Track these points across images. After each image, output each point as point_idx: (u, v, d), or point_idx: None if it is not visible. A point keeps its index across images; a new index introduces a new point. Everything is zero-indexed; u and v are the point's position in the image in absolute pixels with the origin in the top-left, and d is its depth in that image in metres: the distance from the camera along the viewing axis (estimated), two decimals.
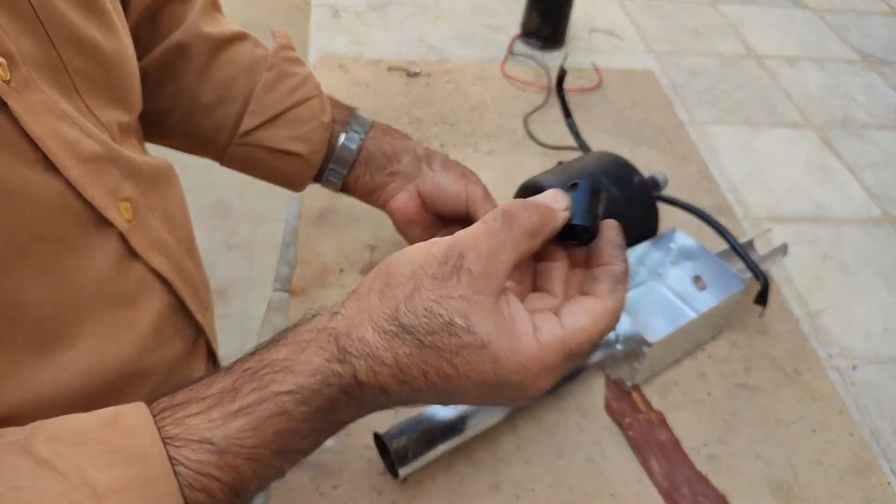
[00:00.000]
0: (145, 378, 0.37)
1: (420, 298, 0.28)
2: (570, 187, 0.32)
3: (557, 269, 0.33)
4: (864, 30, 1.18)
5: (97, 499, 0.24)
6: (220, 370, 0.29)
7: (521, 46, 0.98)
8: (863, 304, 0.69)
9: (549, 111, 0.85)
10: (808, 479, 0.51)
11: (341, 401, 0.29)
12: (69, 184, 0.32)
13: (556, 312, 0.30)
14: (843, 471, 0.52)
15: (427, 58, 0.94)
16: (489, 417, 0.48)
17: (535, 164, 0.77)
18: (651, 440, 0.52)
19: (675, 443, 0.52)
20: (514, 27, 1.02)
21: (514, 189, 0.62)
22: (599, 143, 0.81)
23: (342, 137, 0.54)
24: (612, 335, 0.53)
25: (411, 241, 0.56)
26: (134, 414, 0.27)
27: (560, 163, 0.62)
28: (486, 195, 0.54)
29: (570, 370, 0.36)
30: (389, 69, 0.89)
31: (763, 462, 0.52)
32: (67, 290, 0.32)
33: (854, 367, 0.63)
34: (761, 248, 0.66)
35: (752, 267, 0.57)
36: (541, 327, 0.29)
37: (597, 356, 0.53)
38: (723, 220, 0.62)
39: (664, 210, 0.65)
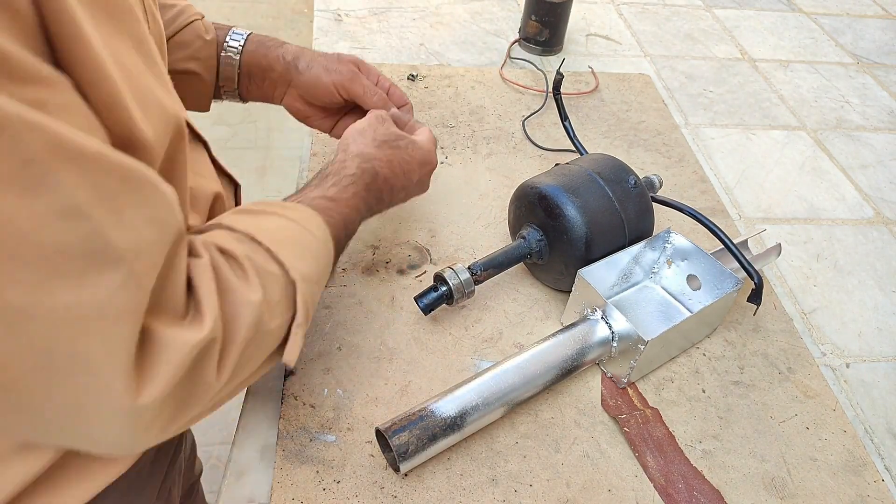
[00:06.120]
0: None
1: (381, 128, 0.57)
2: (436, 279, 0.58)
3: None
4: (857, 32, 1.19)
5: (295, 222, 0.43)
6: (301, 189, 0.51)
7: (519, 51, 1.00)
8: (856, 304, 0.70)
9: (547, 114, 0.86)
10: (802, 476, 0.52)
11: (373, 184, 0.52)
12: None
13: None
14: (837, 467, 0.53)
15: (427, 62, 0.95)
16: (488, 414, 0.49)
17: (533, 166, 0.78)
18: (647, 436, 0.53)
19: (671, 439, 0.53)
20: (513, 32, 1.03)
21: (513, 190, 0.63)
22: (596, 145, 0.83)
23: (222, 56, 0.62)
24: (608, 334, 0.54)
25: (319, 128, 0.68)
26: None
27: (557, 164, 0.63)
28: (354, 78, 0.61)
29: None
30: (391, 73, 0.90)
31: (757, 458, 0.52)
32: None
33: (847, 366, 0.64)
34: (755, 249, 0.68)
35: (746, 266, 0.57)
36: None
37: (594, 353, 0.54)
38: (717, 221, 0.63)
39: (659, 211, 0.66)
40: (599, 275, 0.58)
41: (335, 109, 0.65)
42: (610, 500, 0.49)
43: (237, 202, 0.58)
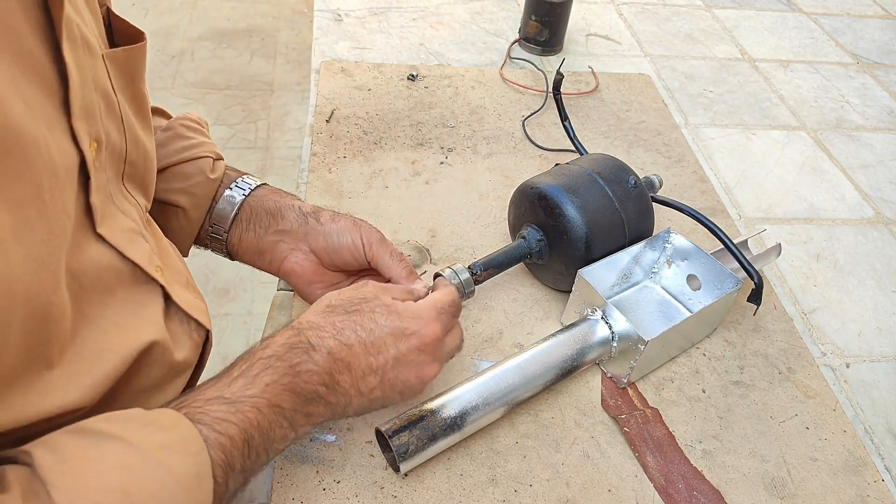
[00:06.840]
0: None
1: (342, 295, 0.45)
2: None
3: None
4: (857, 33, 1.19)
5: (143, 453, 0.31)
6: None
7: (519, 51, 1.00)
8: (856, 303, 0.70)
9: (548, 114, 0.86)
10: (802, 476, 0.52)
11: (304, 365, 0.40)
12: (115, 248, 0.39)
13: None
14: (837, 467, 0.53)
15: (427, 62, 0.95)
16: (488, 414, 0.49)
17: (533, 167, 0.78)
18: (647, 436, 0.53)
19: (671, 439, 0.53)
20: (513, 32, 1.03)
21: (513, 190, 0.63)
22: (596, 145, 0.83)
23: (224, 194, 0.54)
24: (608, 334, 0.54)
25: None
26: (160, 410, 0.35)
27: (557, 164, 0.63)
28: (382, 240, 0.53)
29: (452, 325, 0.49)
30: (391, 73, 0.90)
31: (757, 459, 0.52)
32: (119, 334, 0.38)
33: (847, 365, 0.64)
34: (755, 249, 0.68)
35: (746, 266, 0.57)
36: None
37: (594, 353, 0.54)
38: (717, 221, 0.63)
39: (659, 211, 0.66)
40: (599, 275, 0.58)
41: (346, 275, 0.56)
42: (610, 500, 0.49)
43: (204, 351, 0.48)
